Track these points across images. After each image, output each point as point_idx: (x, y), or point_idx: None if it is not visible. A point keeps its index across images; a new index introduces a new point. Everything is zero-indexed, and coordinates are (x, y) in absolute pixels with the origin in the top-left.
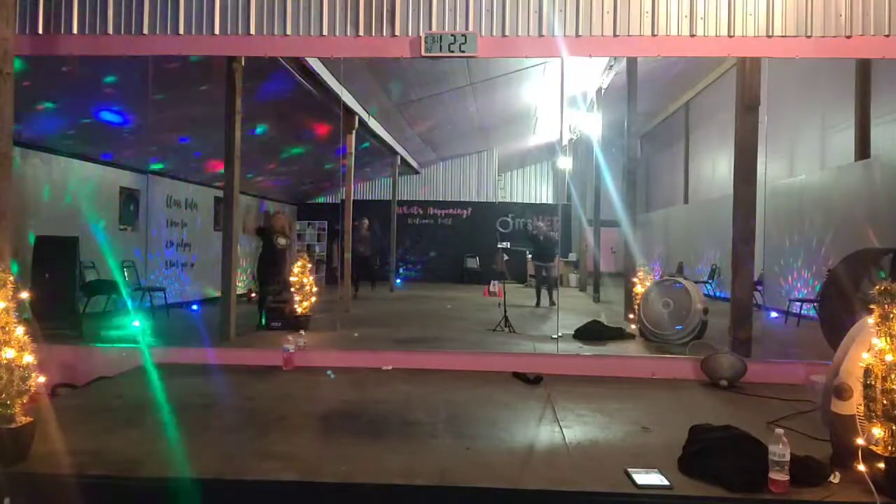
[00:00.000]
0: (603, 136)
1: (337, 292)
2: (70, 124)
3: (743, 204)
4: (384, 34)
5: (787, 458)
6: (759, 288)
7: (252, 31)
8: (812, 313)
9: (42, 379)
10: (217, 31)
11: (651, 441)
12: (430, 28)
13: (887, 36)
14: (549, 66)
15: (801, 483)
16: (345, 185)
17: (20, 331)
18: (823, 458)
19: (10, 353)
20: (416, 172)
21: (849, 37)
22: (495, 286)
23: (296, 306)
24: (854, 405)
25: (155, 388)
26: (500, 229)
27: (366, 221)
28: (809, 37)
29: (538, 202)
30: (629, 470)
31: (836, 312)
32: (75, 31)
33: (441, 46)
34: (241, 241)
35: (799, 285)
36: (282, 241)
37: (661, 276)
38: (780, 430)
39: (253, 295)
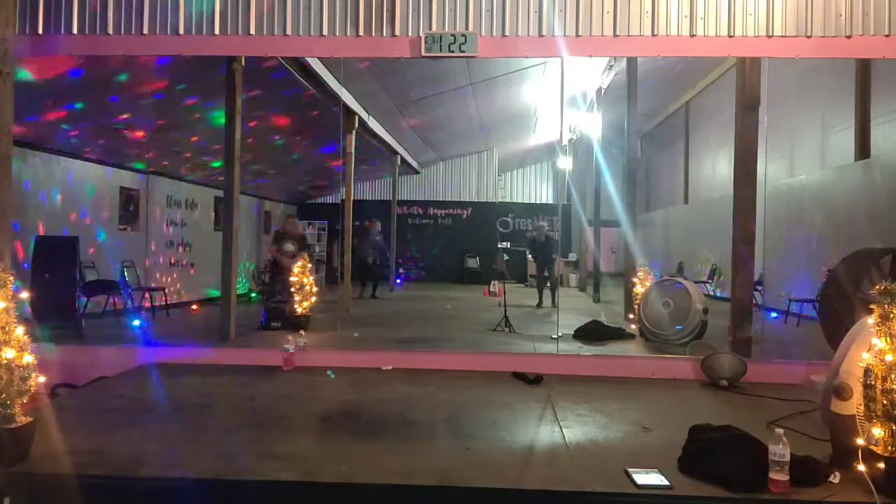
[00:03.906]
0: (603, 136)
1: (337, 292)
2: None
3: (743, 204)
4: (384, 34)
5: (787, 458)
6: (759, 288)
7: (252, 31)
8: (812, 313)
9: (42, 379)
10: (217, 31)
11: (651, 441)
12: (430, 28)
13: (887, 36)
14: (549, 66)
15: (801, 483)
16: (345, 185)
17: (20, 331)
18: (823, 458)
19: (10, 353)
20: (416, 172)
21: (849, 37)
22: (495, 286)
23: (296, 306)
24: (854, 405)
25: (155, 387)
26: (501, 229)
27: (378, 223)
28: (809, 37)
29: (538, 202)
30: (629, 470)
31: (836, 312)
32: (75, 31)
33: (441, 46)
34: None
35: (799, 286)
36: (290, 247)
37: (660, 277)
38: (780, 430)
39: (253, 295)
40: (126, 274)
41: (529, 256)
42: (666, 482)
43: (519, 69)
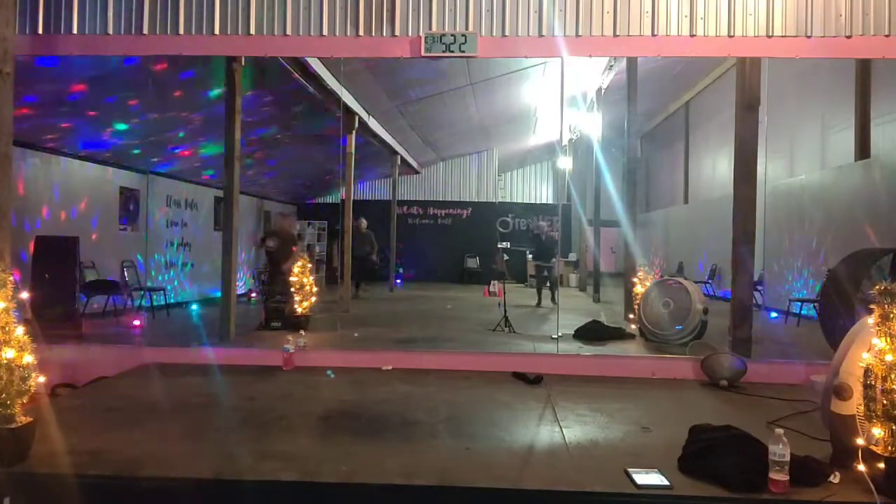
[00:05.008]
0: (603, 136)
1: (337, 292)
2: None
3: (743, 204)
4: (384, 34)
5: (787, 458)
6: (760, 288)
7: (252, 31)
8: (812, 313)
9: (42, 379)
10: (217, 31)
11: (651, 441)
12: (430, 28)
13: (887, 36)
14: (549, 66)
15: (801, 483)
16: (345, 185)
17: (20, 331)
18: (823, 458)
19: (10, 353)
20: (416, 172)
21: (849, 37)
22: (495, 286)
23: (296, 306)
24: (854, 405)
25: (155, 387)
26: (500, 229)
27: (364, 221)
28: (809, 37)
29: (538, 202)
30: (629, 470)
31: (836, 312)
32: (75, 31)
33: (441, 46)
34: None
35: (799, 286)
36: (270, 244)
37: (660, 276)
38: (780, 430)
39: (253, 295)
40: (126, 274)
41: (530, 256)
42: (666, 482)
43: (519, 69)
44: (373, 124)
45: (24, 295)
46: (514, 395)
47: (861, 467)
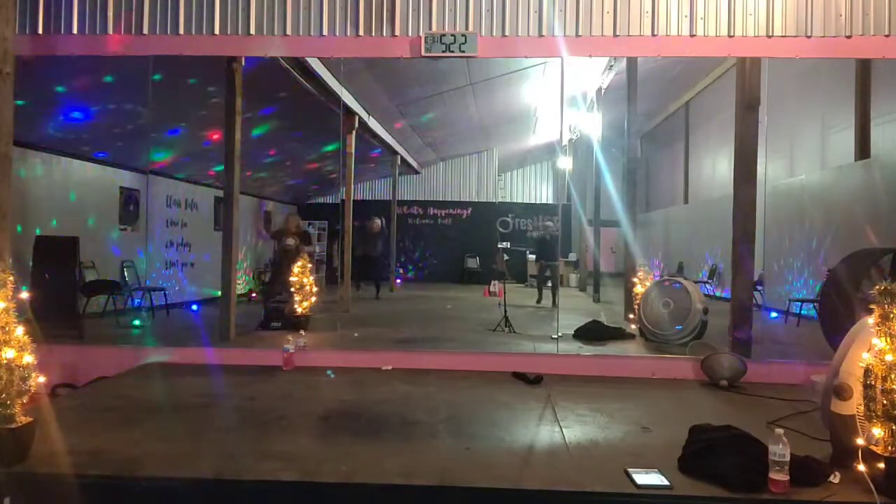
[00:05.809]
0: (603, 136)
1: (337, 292)
2: None
3: (743, 204)
4: (384, 34)
5: (787, 458)
6: (759, 288)
7: (252, 31)
8: (812, 313)
9: (42, 379)
10: (217, 31)
11: (651, 441)
12: (430, 28)
13: (887, 36)
14: (549, 66)
15: (801, 483)
16: (345, 185)
17: (20, 331)
18: (823, 458)
19: (10, 353)
20: (416, 172)
21: (849, 37)
22: (495, 286)
23: (296, 306)
24: (854, 405)
25: (154, 387)
26: (501, 229)
27: (377, 221)
28: (809, 37)
29: (538, 202)
30: (629, 470)
31: (836, 312)
32: (75, 31)
33: (441, 46)
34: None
35: (799, 286)
36: (290, 241)
37: (660, 276)
38: (780, 430)
39: (254, 295)
40: (126, 274)
41: (531, 256)
42: (666, 482)
43: (519, 69)
44: (373, 124)
45: (24, 295)
46: (514, 395)
47: (861, 467)
